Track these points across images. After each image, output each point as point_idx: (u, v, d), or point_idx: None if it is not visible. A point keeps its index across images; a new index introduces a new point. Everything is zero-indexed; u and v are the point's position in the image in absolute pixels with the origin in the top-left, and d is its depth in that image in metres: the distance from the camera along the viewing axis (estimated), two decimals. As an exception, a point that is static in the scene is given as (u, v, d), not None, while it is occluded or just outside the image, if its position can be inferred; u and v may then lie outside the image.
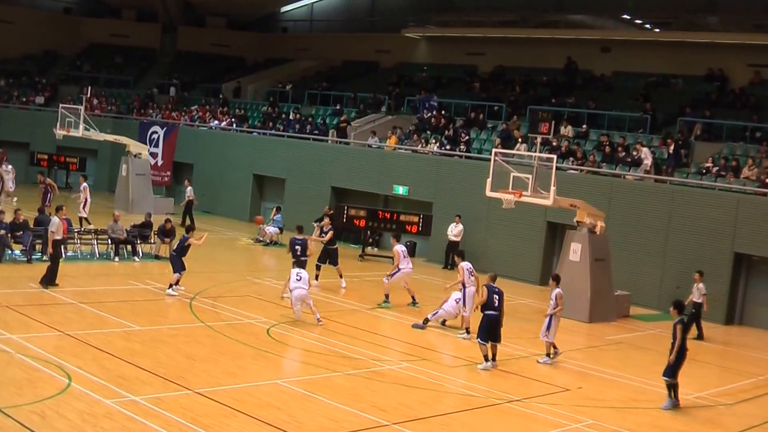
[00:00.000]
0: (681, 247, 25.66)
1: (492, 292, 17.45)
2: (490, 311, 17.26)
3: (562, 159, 28.96)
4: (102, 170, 43.08)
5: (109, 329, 17.26)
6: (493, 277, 18.04)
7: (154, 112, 44.92)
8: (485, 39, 41.18)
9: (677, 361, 15.37)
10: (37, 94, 46.50)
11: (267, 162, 37.77)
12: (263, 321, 19.33)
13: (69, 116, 36.13)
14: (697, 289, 22.11)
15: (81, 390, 13.06)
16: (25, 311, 17.86)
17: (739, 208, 24.94)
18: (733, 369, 20.00)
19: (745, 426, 14.81)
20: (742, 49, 33.75)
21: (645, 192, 27.05)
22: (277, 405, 13.46)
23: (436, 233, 30.23)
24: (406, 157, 33.61)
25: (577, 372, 18.03)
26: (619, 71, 37.41)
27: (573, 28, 39.57)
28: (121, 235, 25.76)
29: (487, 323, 17.17)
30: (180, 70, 50.43)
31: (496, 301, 17.40)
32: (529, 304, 25.41)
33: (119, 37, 51.52)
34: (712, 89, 33.79)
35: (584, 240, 23.40)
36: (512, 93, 37.25)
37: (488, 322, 17.16)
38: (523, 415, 14.39)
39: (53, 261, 20.84)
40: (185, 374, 14.55)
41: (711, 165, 27.72)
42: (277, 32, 53.61)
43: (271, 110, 41.56)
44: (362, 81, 44.31)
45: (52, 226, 21.27)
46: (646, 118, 31.70)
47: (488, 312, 17.24)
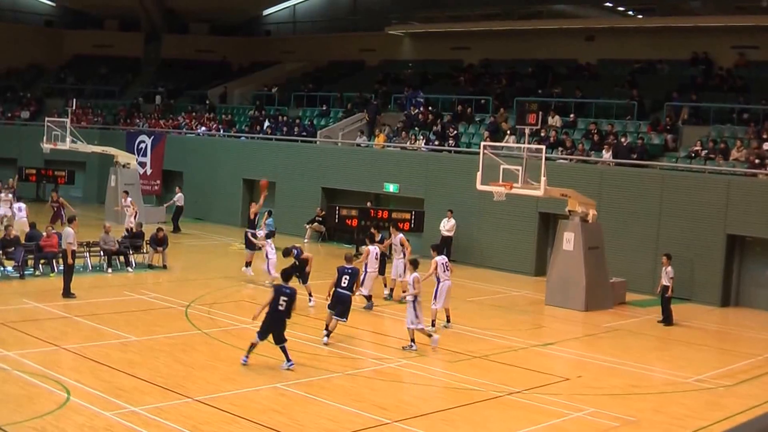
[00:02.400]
0: (674, 232, 25.69)
1: (342, 273, 17.90)
2: (341, 290, 17.84)
3: (551, 149, 28.96)
4: (91, 182, 42.95)
5: (106, 341, 17.19)
6: (348, 258, 18.70)
7: (141, 122, 44.81)
8: (469, 33, 41.19)
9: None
10: (23, 108, 46.35)
11: (256, 166, 37.70)
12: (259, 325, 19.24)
13: (55, 129, 36.02)
14: (665, 272, 22.05)
15: (80, 404, 12.99)
16: (20, 327, 17.77)
17: (729, 189, 24.99)
18: (731, 350, 20.03)
19: (746, 407, 14.83)
20: (725, 31, 33.80)
21: (635, 178, 27.08)
22: (277, 409, 13.42)
23: (428, 229, 30.22)
24: (396, 155, 33.60)
25: (576, 361, 18.05)
26: (605, 59, 37.43)
27: (556, 18, 39.61)
28: (113, 246, 25.67)
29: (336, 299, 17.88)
30: (165, 78, 50.31)
31: (345, 281, 17.82)
32: (525, 295, 25.46)
33: (103, 47, 51.37)
34: (697, 73, 33.86)
35: (577, 229, 23.42)
36: (498, 86, 37.25)
37: (337, 299, 17.85)
38: (525, 407, 14.38)
39: (68, 272, 20.96)
40: (184, 382, 14.50)
41: (700, 148, 27.77)
42: (260, 36, 53.55)
43: (258, 114, 41.50)
44: (348, 81, 44.27)
45: (68, 237, 21.27)
46: (633, 104, 31.74)
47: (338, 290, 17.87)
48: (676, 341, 20.45)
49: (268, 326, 15.66)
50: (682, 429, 13.50)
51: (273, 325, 15.62)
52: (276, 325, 15.62)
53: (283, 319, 15.66)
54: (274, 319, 15.60)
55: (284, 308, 15.61)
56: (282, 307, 15.60)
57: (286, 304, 15.62)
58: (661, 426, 13.74)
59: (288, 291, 15.77)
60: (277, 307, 15.61)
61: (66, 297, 20.87)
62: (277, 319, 15.60)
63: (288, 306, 15.65)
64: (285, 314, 15.68)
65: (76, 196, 40.72)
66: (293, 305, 15.80)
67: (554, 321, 22.29)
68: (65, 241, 21.46)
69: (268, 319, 15.66)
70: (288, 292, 15.75)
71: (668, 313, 21.90)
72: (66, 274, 21.16)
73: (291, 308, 15.72)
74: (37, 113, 45.41)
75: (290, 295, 15.71)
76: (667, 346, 20.26)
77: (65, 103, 43.33)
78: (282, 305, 15.60)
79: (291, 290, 15.86)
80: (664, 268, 22.07)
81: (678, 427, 13.60)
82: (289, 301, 15.64)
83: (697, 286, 25.04)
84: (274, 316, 15.60)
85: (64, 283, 21.07)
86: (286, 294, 15.71)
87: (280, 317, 15.61)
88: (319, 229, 34.20)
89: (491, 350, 18.22)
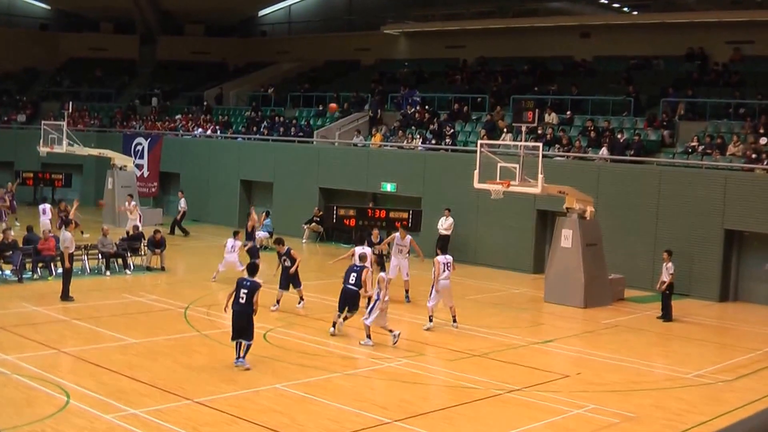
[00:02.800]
0: (672, 227, 25.70)
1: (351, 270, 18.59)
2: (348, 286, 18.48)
3: (548, 146, 28.97)
4: (88, 185, 42.89)
5: (105, 344, 17.18)
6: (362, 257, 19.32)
7: (137, 124, 44.78)
8: (465, 31, 41.20)
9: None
10: (19, 112, 46.29)
11: (253, 167, 37.69)
12: (259, 326, 19.20)
13: (52, 133, 36.00)
14: (666, 268, 22.07)
15: (80, 407, 12.98)
16: (19, 331, 17.75)
17: (727, 184, 25.00)
18: (730, 345, 20.05)
19: (746, 401, 14.84)
20: (720, 26, 33.83)
21: (633, 174, 27.09)
22: (278, 409, 13.42)
23: (426, 228, 30.20)
24: (393, 154, 33.59)
25: (575, 358, 18.05)
26: (600, 56, 37.45)
27: (551, 15, 39.63)
28: (111, 249, 25.64)
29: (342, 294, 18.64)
30: (161, 80, 50.28)
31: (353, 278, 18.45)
32: (523, 292, 25.47)
33: (98, 50, 51.34)
34: (693, 68, 33.87)
35: (575, 226, 23.42)
36: (494, 83, 37.26)
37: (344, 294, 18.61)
38: (525, 404, 14.39)
39: (66, 276, 20.98)
40: (184, 384, 14.49)
41: (696, 144, 27.79)
42: (256, 36, 53.52)
43: (255, 115, 41.48)
44: (344, 80, 44.27)
45: (65, 241, 21.29)
46: (629, 100, 31.75)
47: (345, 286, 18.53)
48: (676, 337, 20.48)
49: (233, 322, 15.64)
50: (682, 424, 13.51)
51: (235, 319, 15.56)
52: (237, 318, 15.51)
53: (245, 312, 15.44)
54: (235, 312, 15.52)
55: (245, 301, 15.37)
56: (242, 299, 15.39)
57: (246, 297, 15.35)
58: (661, 421, 13.75)
59: (248, 284, 15.54)
60: (237, 300, 15.47)
61: (64, 300, 20.85)
62: (238, 313, 15.47)
63: (248, 299, 15.36)
64: (246, 307, 15.42)
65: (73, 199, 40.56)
66: (255, 299, 15.38)
67: (553, 318, 22.31)
68: (62, 245, 21.49)
69: (233, 314, 15.64)
70: (248, 284, 15.52)
71: (668, 309, 21.92)
72: (64, 278, 21.16)
73: (252, 301, 15.38)
74: (34, 117, 45.38)
75: (250, 288, 15.45)
76: (666, 341, 20.28)
77: (61, 106, 43.30)
78: (242, 298, 15.39)
79: (252, 283, 15.57)
80: (665, 263, 22.08)
81: (678, 423, 13.60)
82: (249, 294, 15.35)
83: (696, 281, 25.05)
84: (235, 310, 15.52)
85: (62, 287, 21.06)
86: (246, 287, 15.47)
87: (242, 310, 15.43)
88: (317, 229, 34.19)
89: (491, 348, 18.23)
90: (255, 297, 15.40)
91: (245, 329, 15.49)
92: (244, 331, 15.50)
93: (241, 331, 15.50)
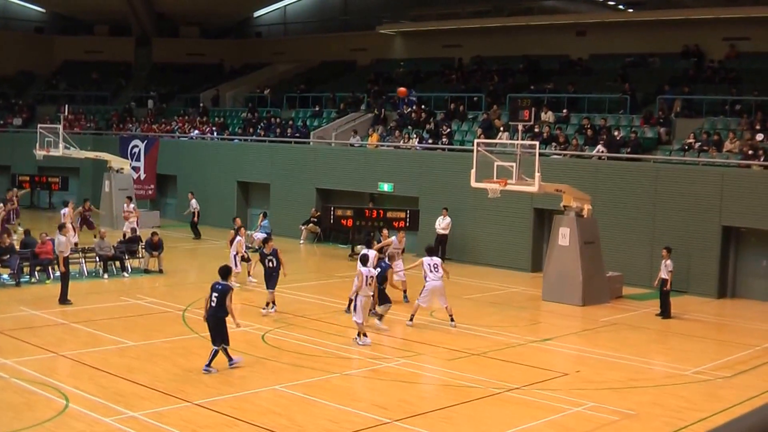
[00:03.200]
0: (669, 225, 25.72)
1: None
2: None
3: (545, 145, 28.99)
4: (85, 188, 42.82)
5: (104, 347, 17.17)
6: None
7: (134, 126, 44.73)
8: (460, 30, 41.20)
9: None
10: (15, 115, 46.24)
11: (250, 168, 37.67)
12: (257, 328, 19.27)
13: (48, 136, 35.97)
14: (665, 265, 22.06)
15: (79, 410, 12.97)
16: (17, 335, 17.74)
17: (723, 181, 25.02)
18: (729, 342, 20.05)
19: (744, 397, 14.85)
20: (716, 23, 33.86)
21: (630, 172, 27.10)
22: (277, 411, 13.41)
23: (424, 228, 30.21)
24: (389, 154, 33.59)
25: (574, 356, 18.06)
26: (596, 54, 37.47)
27: (547, 14, 39.64)
28: (109, 252, 25.62)
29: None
30: (157, 82, 50.24)
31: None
32: (521, 291, 25.46)
33: (93, 53, 51.29)
34: (689, 65, 33.91)
35: (572, 224, 23.43)
36: (491, 82, 37.27)
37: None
38: (524, 403, 14.39)
39: (63, 279, 20.94)
40: (183, 386, 14.48)
41: (693, 141, 27.81)
42: (251, 37, 53.49)
43: (251, 116, 41.46)
44: (340, 81, 44.26)
45: (59, 245, 21.26)
46: (625, 98, 31.76)
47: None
48: (674, 334, 20.49)
49: (209, 327, 15.54)
50: (682, 421, 13.51)
51: (209, 325, 15.48)
52: (211, 322, 15.43)
53: (218, 316, 15.35)
54: (209, 316, 15.45)
55: (216, 304, 15.26)
56: (214, 302, 15.30)
57: (218, 300, 15.23)
58: (660, 418, 13.76)
59: (219, 287, 15.41)
60: (210, 304, 15.38)
61: (63, 303, 20.83)
62: (211, 317, 15.40)
63: (220, 302, 15.24)
64: (218, 311, 15.30)
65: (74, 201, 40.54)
66: (226, 302, 15.24)
67: (552, 316, 22.31)
68: (57, 249, 21.45)
69: (207, 320, 15.56)
70: (219, 288, 15.40)
71: (666, 307, 21.93)
72: (62, 281, 21.13)
73: (224, 304, 15.24)
74: (30, 120, 45.32)
75: (221, 291, 15.33)
76: (665, 338, 20.30)
77: (57, 110, 43.19)
78: (214, 302, 15.29)
79: (223, 286, 15.45)
80: (664, 261, 22.09)
81: (677, 420, 13.61)
82: (220, 297, 15.24)
83: (694, 278, 25.07)
84: (209, 314, 15.43)
85: (61, 290, 21.04)
86: (218, 290, 15.37)
87: (214, 314, 15.34)
88: (314, 230, 34.18)
89: (489, 347, 18.23)
90: (227, 300, 15.26)
91: (221, 334, 15.38)
92: (216, 336, 15.39)
93: (218, 336, 15.40)
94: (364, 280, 17.84)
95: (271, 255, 20.86)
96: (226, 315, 15.36)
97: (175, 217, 38.63)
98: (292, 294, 23.34)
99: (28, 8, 52.92)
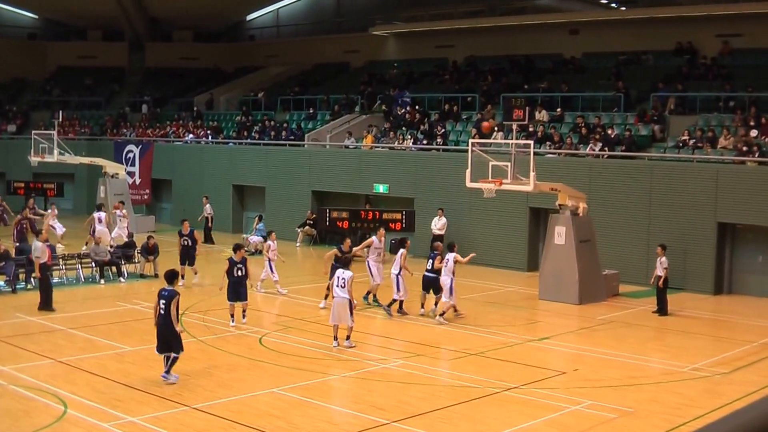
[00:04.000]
0: (665, 222, 25.75)
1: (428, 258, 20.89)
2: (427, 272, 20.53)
3: (539, 144, 28.98)
4: (80, 193, 42.84)
5: (101, 352, 17.15)
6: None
7: (128, 131, 44.72)
8: (453, 31, 41.21)
9: None
10: (9, 122, 46.18)
11: (245, 171, 37.66)
12: (255, 331, 19.26)
13: (42, 142, 35.93)
14: (660, 263, 22.10)
15: (78, 416, 12.95)
16: (15, 341, 17.71)
17: (718, 178, 25.05)
18: (726, 338, 20.08)
19: (742, 393, 14.87)
20: (709, 20, 33.90)
21: (624, 170, 27.13)
22: (275, 413, 13.40)
23: (420, 228, 30.21)
24: (384, 155, 33.60)
25: (572, 354, 18.07)
26: (589, 52, 37.52)
27: (539, 13, 39.69)
28: (105, 257, 25.61)
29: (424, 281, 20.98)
30: (151, 87, 50.20)
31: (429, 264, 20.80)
32: (518, 290, 25.47)
33: (87, 58, 51.21)
34: (682, 62, 33.95)
35: (568, 223, 23.45)
36: (485, 82, 37.29)
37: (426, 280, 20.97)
38: (523, 402, 14.39)
39: (42, 286, 20.78)
40: (181, 391, 14.47)
41: (687, 138, 27.84)
42: (244, 41, 53.48)
43: (246, 119, 41.46)
44: (334, 83, 44.27)
45: (35, 251, 21.18)
46: (619, 96, 31.80)
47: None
48: (671, 331, 20.51)
49: (157, 334, 14.98)
50: (680, 418, 13.52)
51: (158, 331, 14.91)
52: (159, 330, 14.88)
53: (166, 323, 14.70)
54: (158, 324, 14.89)
55: (164, 312, 14.68)
56: (162, 310, 14.74)
57: (165, 307, 14.66)
58: (658, 415, 13.77)
59: (165, 293, 14.82)
60: (159, 311, 14.84)
61: (43, 310, 20.49)
62: (160, 325, 14.82)
63: (167, 309, 14.64)
64: (167, 318, 14.66)
65: (66, 208, 40.55)
66: (173, 308, 14.57)
67: (549, 315, 22.31)
68: (34, 255, 21.30)
69: (157, 327, 14.97)
70: (165, 294, 14.81)
71: (663, 304, 21.95)
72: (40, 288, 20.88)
73: (170, 311, 14.59)
74: (24, 126, 45.28)
75: (167, 297, 14.72)
76: (662, 335, 20.32)
77: (51, 116, 43.28)
78: (162, 309, 14.73)
79: (169, 292, 14.82)
80: (659, 258, 22.11)
81: (675, 416, 13.62)
82: (167, 304, 14.65)
83: (690, 275, 25.10)
84: (159, 321, 14.86)
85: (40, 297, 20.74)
86: (164, 297, 14.78)
87: (163, 322, 14.75)
88: (310, 232, 34.18)
89: (487, 347, 18.24)
90: (172, 306, 14.61)
91: (170, 341, 14.80)
92: (170, 344, 14.82)
93: (166, 343, 14.85)
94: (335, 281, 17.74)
95: (241, 263, 19.74)
96: (173, 322, 14.74)
97: (170, 222, 38.58)
98: (289, 296, 23.34)
99: (21, 14, 52.84)
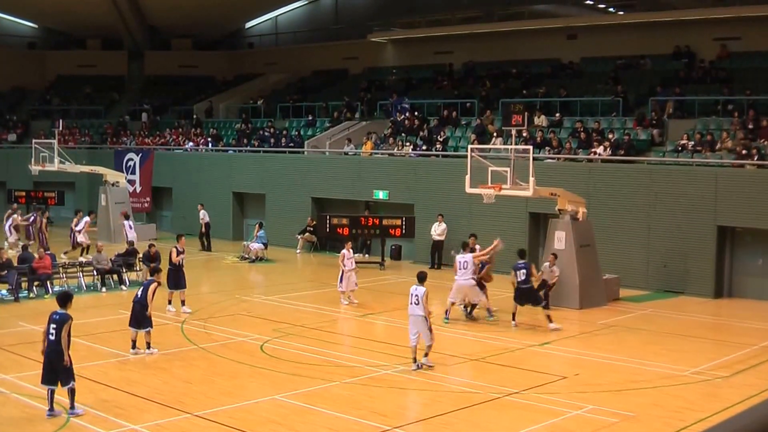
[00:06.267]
0: (664, 226, 25.79)
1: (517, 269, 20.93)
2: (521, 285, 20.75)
3: (539, 149, 29.04)
4: (81, 202, 42.75)
5: (103, 360, 17.19)
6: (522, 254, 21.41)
7: (128, 140, 44.80)
8: (452, 37, 41.30)
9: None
10: (9, 131, 46.26)
11: (245, 179, 37.72)
12: (256, 338, 19.29)
13: (43, 151, 36.03)
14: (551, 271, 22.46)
15: (80, 424, 12.98)
16: (17, 350, 17.74)
17: (718, 181, 25.09)
18: (726, 341, 20.09)
19: (743, 396, 14.89)
20: (706, 24, 33.98)
21: (624, 174, 27.18)
22: (277, 420, 13.43)
23: (420, 234, 30.25)
24: (384, 162, 33.64)
25: (572, 359, 18.09)
26: (587, 57, 37.57)
27: (537, 18, 39.76)
28: (107, 266, 25.65)
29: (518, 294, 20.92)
30: (150, 95, 50.30)
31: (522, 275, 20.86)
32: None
33: (86, 67, 51.31)
34: (680, 66, 34.01)
35: (568, 227, 23.48)
36: (483, 88, 37.35)
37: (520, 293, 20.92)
38: (524, 407, 14.42)
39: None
40: (183, 398, 14.50)
41: (686, 141, 27.89)
42: (243, 48, 53.58)
43: (245, 127, 41.52)
44: (333, 89, 44.32)
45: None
46: (617, 100, 31.87)
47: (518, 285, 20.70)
48: (672, 334, 20.52)
49: (44, 363, 13.37)
50: (681, 422, 13.55)
51: (46, 359, 13.33)
52: (47, 358, 13.28)
53: (56, 350, 13.13)
54: (49, 351, 13.26)
55: (54, 338, 13.14)
56: (52, 335, 13.18)
57: (56, 333, 13.13)
58: (660, 419, 13.79)
59: (56, 317, 13.31)
60: (48, 337, 13.29)
61: None
62: (50, 352, 13.23)
63: (57, 335, 13.12)
64: (57, 344, 13.11)
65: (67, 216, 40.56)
66: (64, 334, 13.10)
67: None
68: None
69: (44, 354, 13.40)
70: (56, 318, 13.29)
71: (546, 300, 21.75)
72: None
73: (61, 337, 13.09)
74: (24, 135, 45.34)
75: (59, 321, 13.20)
76: (662, 339, 20.31)
77: (52, 124, 43.36)
78: (52, 334, 13.18)
79: (60, 315, 13.29)
80: (550, 266, 22.38)
81: (677, 420, 13.65)
82: (58, 329, 13.13)
83: (690, 278, 25.14)
84: (48, 348, 13.27)
85: None
86: (55, 321, 13.26)
87: (53, 348, 13.17)
88: (310, 239, 34.21)
89: (488, 352, 18.27)
90: (64, 332, 13.10)
91: (58, 372, 13.17)
92: (59, 373, 13.19)
93: (54, 374, 13.21)
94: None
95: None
96: (63, 349, 13.16)
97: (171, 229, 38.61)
98: (290, 303, 23.38)
99: (21, 24, 52.95)
